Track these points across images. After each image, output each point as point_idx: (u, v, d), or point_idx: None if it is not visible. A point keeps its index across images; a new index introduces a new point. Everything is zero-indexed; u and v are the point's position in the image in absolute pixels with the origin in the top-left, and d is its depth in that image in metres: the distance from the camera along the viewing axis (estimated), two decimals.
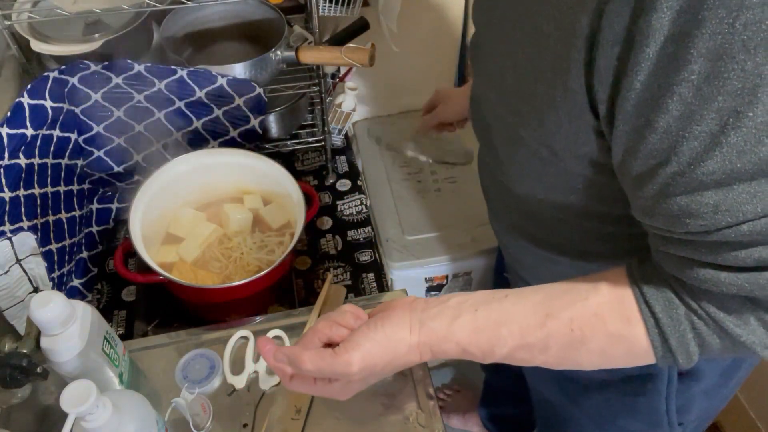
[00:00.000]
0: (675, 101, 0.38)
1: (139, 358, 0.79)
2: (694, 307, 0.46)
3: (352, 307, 0.59)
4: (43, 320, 0.59)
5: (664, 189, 0.42)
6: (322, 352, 0.54)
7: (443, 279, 1.35)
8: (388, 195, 1.37)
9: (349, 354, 0.53)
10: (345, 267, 1.04)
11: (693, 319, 0.46)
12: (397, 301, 0.57)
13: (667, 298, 0.47)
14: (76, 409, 0.52)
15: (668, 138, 0.39)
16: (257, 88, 0.93)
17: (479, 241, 1.29)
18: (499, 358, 0.53)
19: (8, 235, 0.75)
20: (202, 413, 0.73)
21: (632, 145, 0.42)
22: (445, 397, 1.63)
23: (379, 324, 0.54)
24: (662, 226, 0.44)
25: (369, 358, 0.53)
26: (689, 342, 0.47)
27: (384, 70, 1.28)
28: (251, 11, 1.05)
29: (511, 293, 0.53)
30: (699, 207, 0.40)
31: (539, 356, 0.52)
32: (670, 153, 0.40)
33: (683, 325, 0.46)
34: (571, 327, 0.50)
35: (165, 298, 0.91)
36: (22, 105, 0.79)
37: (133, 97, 0.92)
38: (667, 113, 0.38)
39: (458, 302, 0.54)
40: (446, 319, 0.53)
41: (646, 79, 0.39)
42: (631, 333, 0.48)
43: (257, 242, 0.93)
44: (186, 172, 0.93)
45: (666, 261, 0.47)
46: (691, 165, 0.39)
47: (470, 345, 0.52)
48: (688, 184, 0.40)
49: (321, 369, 0.54)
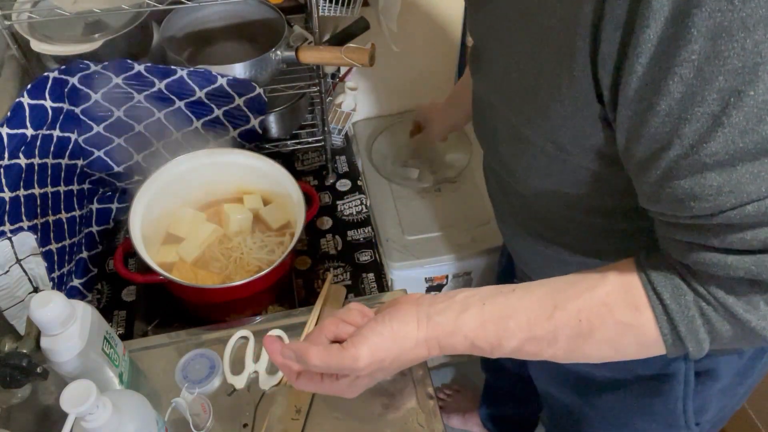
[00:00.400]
0: (676, 83, 0.38)
1: (139, 358, 0.79)
2: (703, 292, 0.46)
3: (358, 305, 0.59)
4: (43, 320, 0.59)
5: (667, 172, 0.41)
6: (329, 347, 0.54)
7: (443, 279, 1.35)
8: (388, 195, 1.37)
9: (357, 348, 0.52)
10: (345, 267, 1.04)
11: (702, 305, 0.46)
12: (403, 297, 0.57)
13: (675, 284, 0.47)
14: (76, 409, 0.52)
15: (670, 121, 0.39)
16: (257, 88, 0.93)
17: (479, 241, 1.29)
18: (508, 352, 0.53)
19: (8, 235, 0.75)
20: (202, 413, 0.73)
21: (635, 130, 0.42)
22: (445, 397, 1.63)
23: (387, 318, 0.54)
24: (668, 212, 0.44)
25: (376, 353, 0.53)
26: (698, 329, 0.46)
27: (384, 70, 1.28)
28: (251, 11, 1.05)
29: (518, 287, 0.53)
30: (703, 189, 0.40)
31: (548, 349, 0.51)
32: (672, 136, 0.40)
33: (692, 311, 0.46)
34: (579, 318, 0.49)
35: (165, 298, 0.91)
36: (22, 105, 0.79)
37: (133, 97, 0.92)
38: (668, 95, 0.38)
39: (465, 296, 0.54)
40: (453, 313, 0.53)
41: (647, 62, 0.39)
42: (639, 321, 0.48)
43: (257, 242, 0.93)
44: (186, 172, 0.93)
45: (672, 247, 0.47)
46: (693, 147, 0.39)
47: (478, 338, 0.52)
48: (692, 167, 0.40)
49: (328, 364, 0.53)
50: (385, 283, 1.02)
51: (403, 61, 1.33)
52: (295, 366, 0.57)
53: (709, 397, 0.71)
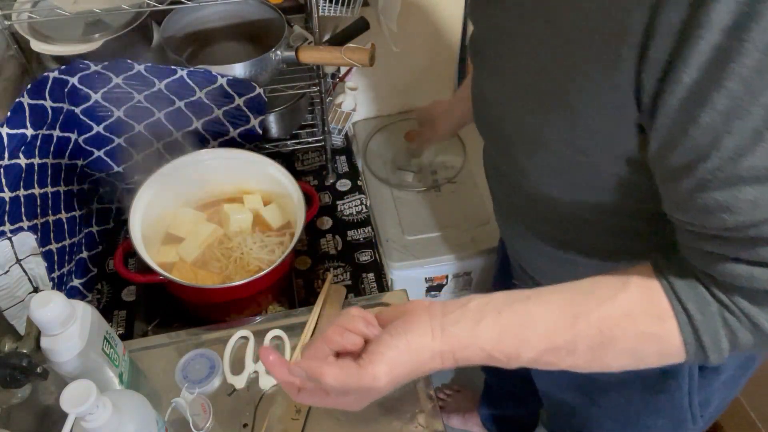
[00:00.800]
0: (722, 95, 0.37)
1: (139, 358, 0.79)
2: (727, 302, 0.45)
3: (359, 311, 0.55)
4: (43, 320, 0.59)
5: (701, 183, 0.41)
6: (345, 367, 0.50)
7: (443, 279, 1.35)
8: (388, 195, 1.37)
9: (375, 366, 0.50)
10: (345, 267, 1.04)
11: (725, 314, 0.46)
12: (412, 306, 0.54)
13: (699, 293, 0.46)
14: (76, 409, 0.52)
15: (711, 133, 0.39)
16: (257, 88, 0.93)
17: (479, 241, 1.29)
18: (525, 363, 0.51)
19: (8, 235, 0.75)
20: (202, 413, 0.73)
21: (672, 139, 0.42)
22: (445, 397, 1.63)
23: (401, 331, 0.51)
24: (695, 222, 0.44)
25: (395, 369, 0.50)
26: (721, 339, 0.46)
27: (384, 70, 1.28)
28: (251, 11, 1.05)
29: (533, 294, 0.51)
30: (737, 202, 0.40)
31: (566, 359, 0.50)
32: (711, 148, 0.39)
33: (716, 321, 0.46)
34: (600, 327, 0.48)
35: (165, 298, 0.91)
36: (22, 105, 0.79)
37: (133, 97, 0.92)
38: (712, 108, 0.38)
39: (479, 305, 0.51)
40: (468, 323, 0.50)
41: (696, 73, 0.38)
42: (663, 331, 0.47)
43: (257, 242, 0.93)
44: (186, 172, 0.93)
45: (696, 257, 0.46)
46: (732, 160, 0.39)
47: (495, 349, 0.50)
48: (728, 180, 0.40)
49: (346, 385, 0.50)
50: (385, 283, 1.02)
51: (403, 61, 1.33)
52: (297, 382, 0.54)
53: (712, 390, 0.71)
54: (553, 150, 0.54)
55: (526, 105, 0.54)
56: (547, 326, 0.49)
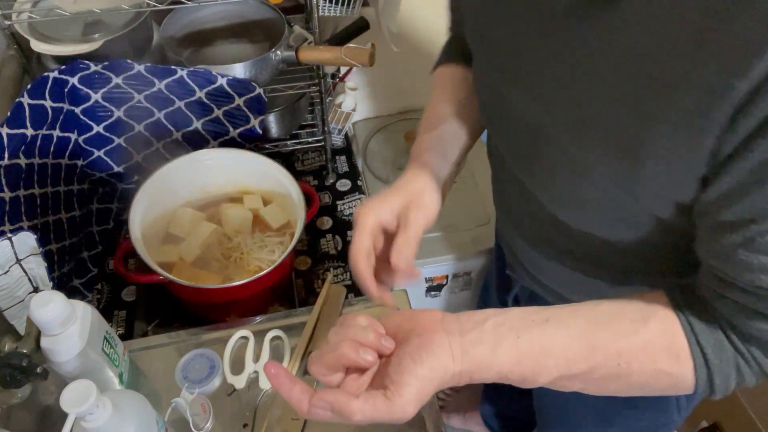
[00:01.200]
0: None
1: (139, 358, 0.79)
2: (742, 350, 0.47)
3: (368, 319, 0.52)
4: (43, 320, 0.59)
5: (749, 242, 0.42)
6: (373, 401, 0.48)
7: (443, 279, 1.34)
8: None
9: (404, 399, 0.48)
10: (345, 267, 1.04)
11: (739, 361, 0.47)
12: (424, 318, 0.52)
13: (717, 338, 0.48)
14: (76, 409, 0.52)
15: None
16: (257, 88, 0.93)
17: (479, 241, 1.29)
18: (540, 384, 0.51)
19: (8, 235, 0.75)
20: (202, 413, 0.73)
21: (730, 196, 0.42)
22: (445, 397, 1.63)
23: (424, 357, 0.49)
24: (729, 272, 0.45)
25: (422, 398, 0.49)
26: (731, 381, 0.48)
27: (384, 70, 1.27)
28: (251, 11, 1.05)
29: (552, 317, 0.51)
30: None
31: (578, 384, 0.51)
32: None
33: (730, 366, 0.48)
34: (618, 361, 0.49)
35: (165, 298, 0.91)
36: (22, 105, 0.79)
37: (133, 97, 0.92)
38: None
39: (495, 325, 0.51)
40: (488, 346, 0.50)
41: None
42: (679, 370, 0.49)
43: (257, 242, 0.93)
44: (186, 172, 0.93)
45: (720, 303, 0.47)
46: None
47: (512, 372, 0.50)
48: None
49: (375, 419, 0.48)
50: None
51: (403, 61, 1.33)
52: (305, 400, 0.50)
53: None
54: (597, 186, 0.52)
55: (579, 140, 0.51)
56: (566, 355, 0.50)
